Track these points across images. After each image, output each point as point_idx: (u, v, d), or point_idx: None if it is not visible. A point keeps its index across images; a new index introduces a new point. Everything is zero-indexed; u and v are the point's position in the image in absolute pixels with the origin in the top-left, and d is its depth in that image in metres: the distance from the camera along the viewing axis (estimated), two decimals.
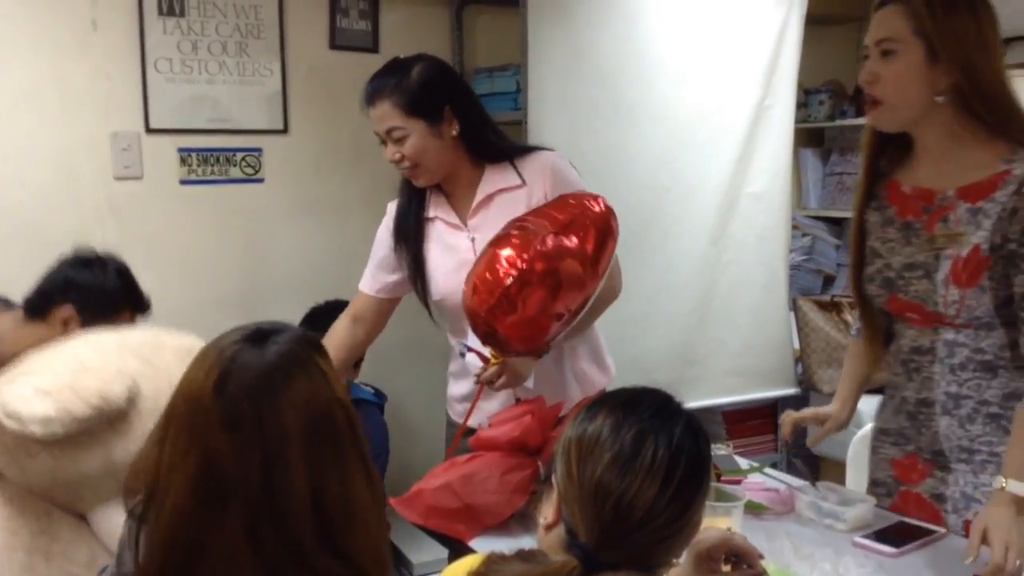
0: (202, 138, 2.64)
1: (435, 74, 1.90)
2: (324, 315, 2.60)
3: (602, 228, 1.77)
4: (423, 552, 2.61)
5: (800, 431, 3.22)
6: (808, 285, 3.61)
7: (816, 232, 3.65)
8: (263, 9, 2.70)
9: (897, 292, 1.67)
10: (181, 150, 2.65)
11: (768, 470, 1.92)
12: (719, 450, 2.20)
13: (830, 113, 3.57)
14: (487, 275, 1.68)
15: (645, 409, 1.06)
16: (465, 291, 1.72)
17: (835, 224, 3.66)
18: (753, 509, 1.69)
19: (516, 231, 1.73)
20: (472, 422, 1.88)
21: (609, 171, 2.80)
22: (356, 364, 2.64)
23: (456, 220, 1.94)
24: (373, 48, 2.90)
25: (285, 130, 2.80)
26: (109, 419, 1.67)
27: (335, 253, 2.86)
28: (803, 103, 3.50)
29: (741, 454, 3.13)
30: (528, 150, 1.97)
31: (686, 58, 2.88)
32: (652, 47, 2.83)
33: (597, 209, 1.79)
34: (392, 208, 2.03)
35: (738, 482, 1.82)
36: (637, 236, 2.85)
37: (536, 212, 1.80)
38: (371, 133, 2.88)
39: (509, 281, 1.66)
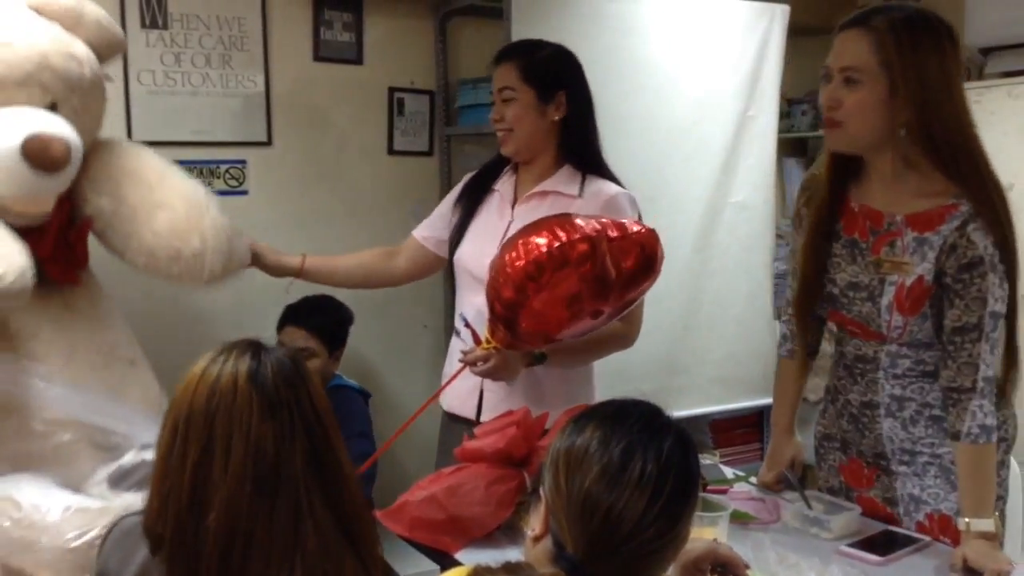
0: (185, 150, 2.63)
1: (563, 62, 2.02)
2: (303, 307, 2.60)
3: (647, 253, 1.75)
4: (413, 564, 2.59)
5: None
6: None
7: None
8: (247, 21, 2.70)
9: (840, 309, 1.70)
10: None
11: (754, 479, 1.92)
12: (705, 459, 2.20)
13: (813, 123, 3.59)
14: (532, 239, 1.68)
15: (634, 422, 1.05)
16: (505, 256, 1.70)
17: None
18: (739, 519, 1.69)
19: (570, 219, 1.73)
20: (443, 402, 1.95)
21: None
22: (336, 356, 2.67)
23: (511, 198, 2.04)
24: (357, 60, 2.90)
25: (269, 142, 2.79)
26: None
27: None
28: (786, 113, 3.52)
29: (728, 463, 3.14)
30: (607, 176, 2.02)
31: (671, 69, 2.90)
32: (637, 58, 2.84)
33: (642, 230, 1.78)
34: (469, 175, 2.17)
35: (724, 491, 1.82)
36: None
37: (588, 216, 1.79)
38: (354, 144, 2.93)
39: (555, 247, 1.65)
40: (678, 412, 2.94)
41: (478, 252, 1.96)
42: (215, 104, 2.69)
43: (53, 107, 1.85)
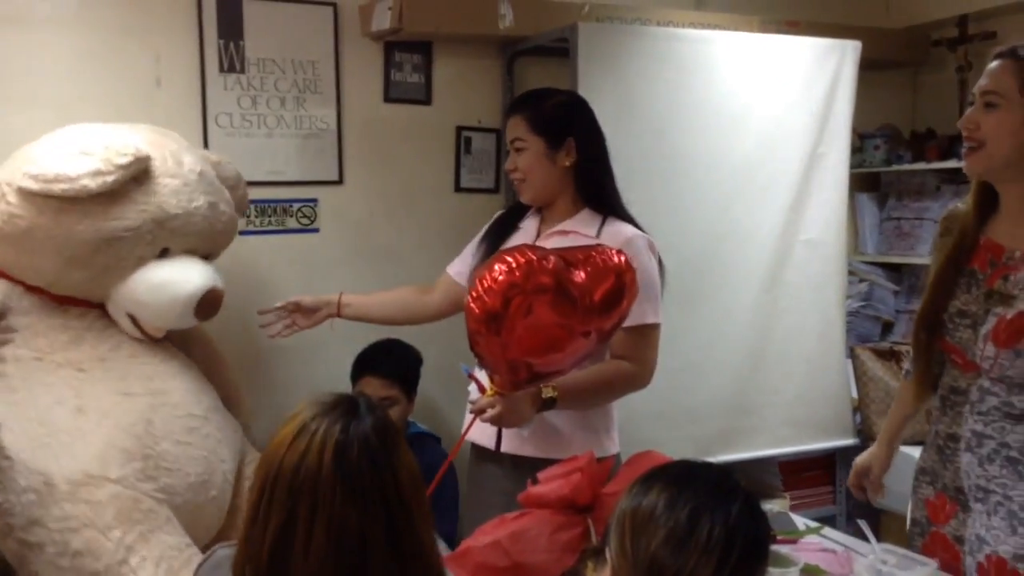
0: (260, 190, 2.70)
1: (570, 108, 2.08)
2: (376, 355, 2.64)
3: (616, 280, 1.76)
4: None
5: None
6: (866, 332, 3.54)
7: (873, 278, 3.58)
8: (320, 64, 2.78)
9: (945, 335, 1.73)
10: None
11: (826, 531, 1.87)
12: (775, 507, 2.16)
13: (886, 158, 3.53)
14: (485, 274, 1.70)
15: (701, 484, 1.03)
16: (468, 299, 1.72)
17: (893, 270, 3.60)
18: (810, 573, 1.64)
19: (527, 246, 1.78)
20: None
21: (660, 220, 2.77)
22: (412, 399, 2.69)
23: (533, 235, 2.09)
24: (426, 100, 2.95)
25: (340, 181, 2.85)
26: (137, 177, 2.00)
27: None
28: (858, 148, 3.46)
29: (798, 506, 3.08)
30: (625, 218, 2.06)
31: (738, 107, 2.87)
32: (703, 96, 2.83)
33: (616, 261, 1.78)
34: (499, 213, 2.27)
35: (794, 542, 1.77)
36: (690, 285, 2.83)
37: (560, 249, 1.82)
38: (422, 182, 2.97)
39: (502, 279, 1.66)
40: (747, 453, 2.95)
41: None
42: (289, 144, 2.76)
43: (207, 256, 2.22)
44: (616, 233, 1.99)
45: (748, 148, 2.90)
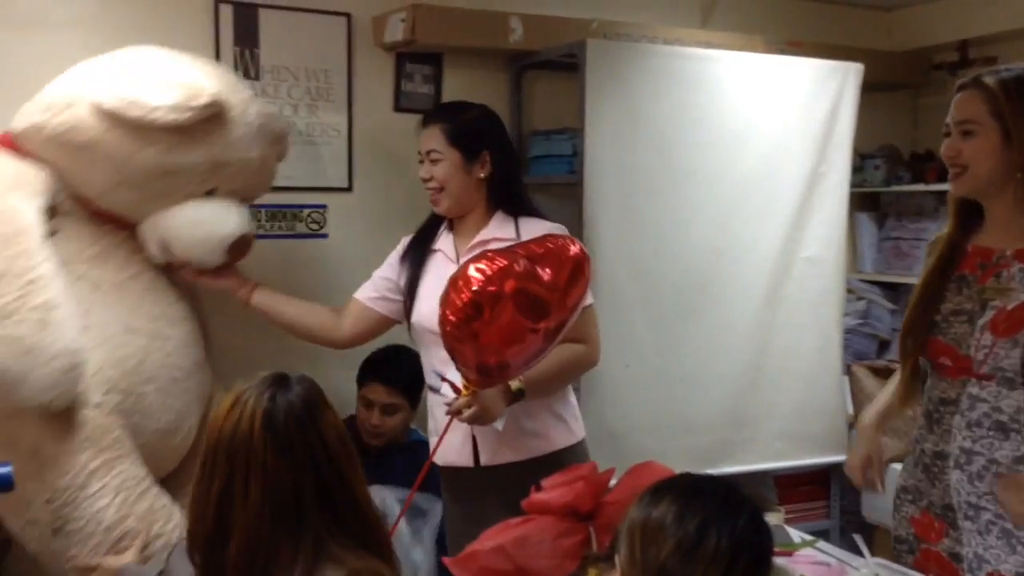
0: (271, 194, 2.72)
1: (485, 123, 2.17)
2: (383, 362, 2.67)
3: (574, 268, 1.87)
4: None
5: (853, 498, 3.20)
6: (863, 349, 3.58)
7: (871, 296, 3.63)
8: (333, 73, 2.82)
9: (938, 334, 1.77)
10: (251, 206, 2.74)
11: (821, 544, 1.91)
12: (770, 519, 2.19)
13: (886, 178, 3.58)
14: (459, 282, 1.78)
15: (710, 498, 1.07)
16: (440, 306, 1.81)
17: (890, 289, 3.64)
18: None
19: (492, 252, 1.85)
20: (438, 459, 2.03)
21: (663, 234, 2.84)
22: (414, 406, 2.71)
23: (453, 255, 2.15)
24: None
25: (349, 188, 2.89)
26: (208, 118, 2.01)
27: None
28: (859, 167, 3.51)
29: (792, 519, 3.12)
30: (537, 214, 2.15)
31: (741, 125, 2.92)
32: (708, 113, 2.88)
33: (573, 251, 1.88)
34: (407, 239, 2.30)
35: (789, 554, 1.81)
36: (690, 298, 2.88)
37: (517, 244, 1.92)
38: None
39: (477, 287, 1.74)
40: (742, 466, 2.99)
41: (435, 310, 1.99)
42: (300, 151, 2.79)
43: (244, 200, 2.27)
44: (534, 230, 2.06)
45: (750, 165, 2.95)
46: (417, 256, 2.22)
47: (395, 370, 2.64)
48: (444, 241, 2.20)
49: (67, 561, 1.87)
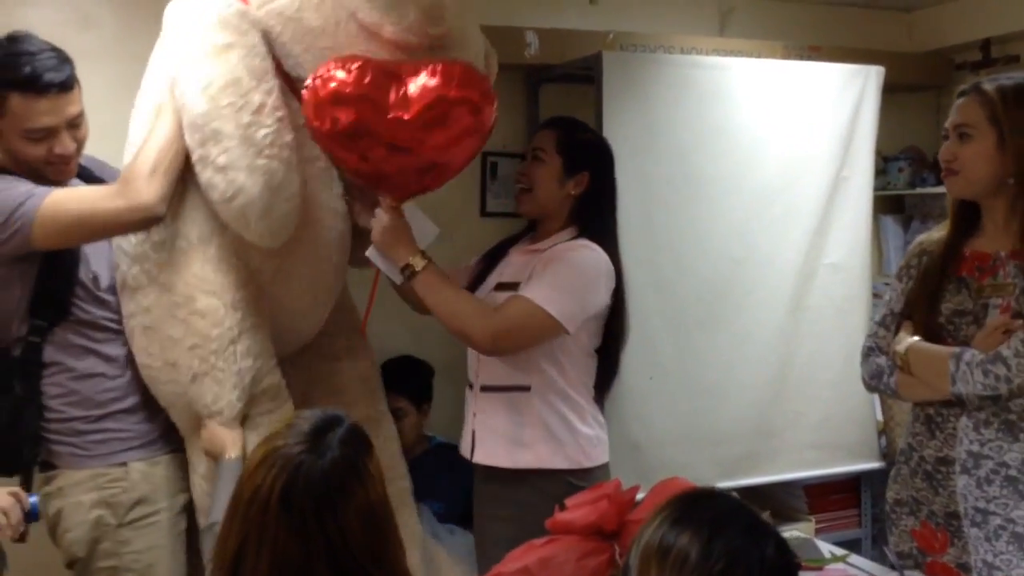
0: None
1: (598, 149, 2.20)
2: (388, 371, 2.62)
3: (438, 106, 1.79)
4: None
5: (880, 508, 3.16)
6: None
7: None
8: None
9: (946, 336, 1.79)
10: None
11: (853, 558, 1.88)
12: (799, 532, 2.17)
13: (910, 180, 3.53)
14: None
15: (736, 529, 1.03)
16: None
17: None
18: None
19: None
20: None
21: (683, 244, 2.82)
22: (425, 411, 2.79)
23: (517, 251, 2.20)
24: None
25: None
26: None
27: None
28: (882, 170, 3.47)
29: (823, 529, 3.08)
30: (608, 243, 2.15)
31: (762, 133, 2.90)
32: (727, 122, 2.86)
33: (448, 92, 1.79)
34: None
35: (819, 569, 1.79)
36: (712, 308, 2.86)
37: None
38: (449, 206, 2.98)
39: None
40: (771, 476, 2.96)
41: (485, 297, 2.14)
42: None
43: None
44: (570, 246, 2.09)
45: (771, 173, 2.92)
46: (494, 256, 2.27)
47: (400, 378, 2.70)
48: (523, 241, 2.25)
49: (203, 408, 1.91)
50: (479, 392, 2.16)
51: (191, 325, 1.92)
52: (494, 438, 2.11)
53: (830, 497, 3.23)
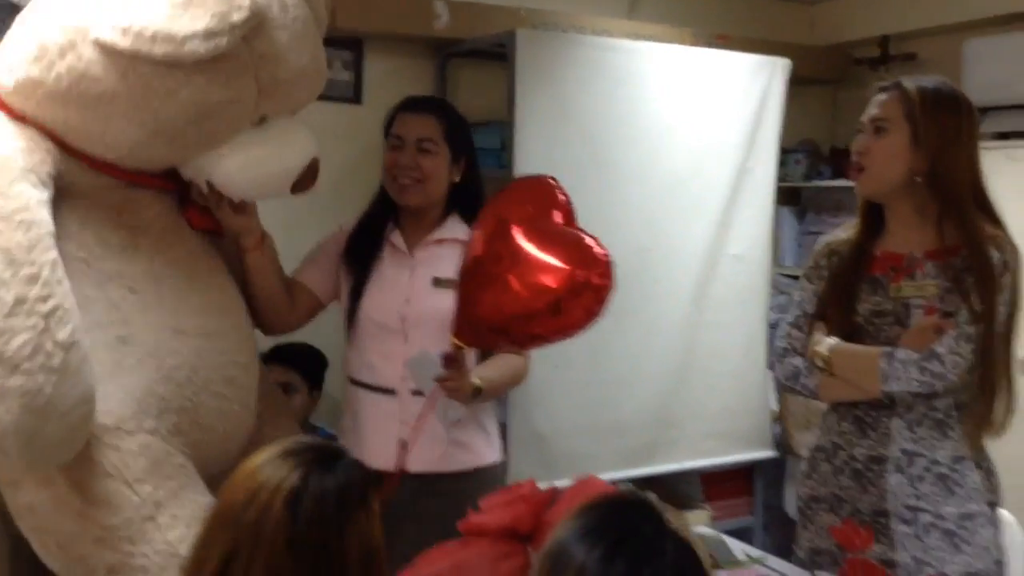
0: None
1: (469, 131, 2.14)
2: (286, 349, 2.57)
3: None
4: None
5: (775, 494, 3.23)
6: None
7: (792, 291, 3.64)
8: None
9: (866, 338, 1.80)
10: None
11: (771, 561, 1.88)
12: (705, 529, 2.16)
13: (806, 173, 3.60)
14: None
15: (637, 545, 0.99)
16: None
17: None
18: None
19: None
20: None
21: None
22: (315, 397, 2.68)
23: (404, 249, 2.08)
24: (355, 99, 2.85)
25: None
26: (247, 34, 1.56)
27: None
28: (781, 162, 3.51)
29: (718, 517, 3.12)
30: None
31: (670, 120, 2.88)
32: (638, 107, 2.83)
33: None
34: (346, 226, 2.16)
35: (736, 571, 1.77)
36: (618, 297, 2.79)
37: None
38: (351, 182, 2.87)
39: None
40: (670, 465, 2.96)
41: (387, 302, 2.03)
42: None
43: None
44: None
45: (678, 161, 2.91)
46: (366, 248, 2.10)
47: (296, 356, 2.61)
48: (392, 234, 2.11)
49: None
50: (410, 396, 2.01)
51: (88, 518, 1.54)
52: (429, 443, 1.99)
53: (724, 485, 3.27)
